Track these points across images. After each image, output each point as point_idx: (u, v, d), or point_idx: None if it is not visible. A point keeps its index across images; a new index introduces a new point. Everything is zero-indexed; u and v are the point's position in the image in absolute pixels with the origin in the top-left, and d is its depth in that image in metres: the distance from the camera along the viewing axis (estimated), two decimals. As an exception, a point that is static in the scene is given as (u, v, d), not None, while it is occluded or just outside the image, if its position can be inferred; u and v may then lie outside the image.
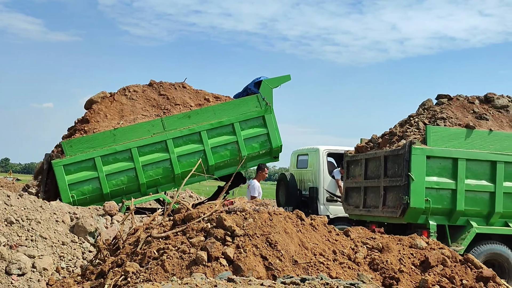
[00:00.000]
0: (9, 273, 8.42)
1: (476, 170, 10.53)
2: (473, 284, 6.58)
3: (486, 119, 11.29)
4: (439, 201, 10.33)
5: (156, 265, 5.99)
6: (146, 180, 13.20)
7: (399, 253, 7.17)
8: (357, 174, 12.22)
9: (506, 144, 10.72)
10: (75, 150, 12.67)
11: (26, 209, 10.17)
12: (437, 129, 10.55)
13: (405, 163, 10.17)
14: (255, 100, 13.83)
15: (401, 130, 11.60)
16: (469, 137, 10.59)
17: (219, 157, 13.71)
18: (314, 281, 4.30)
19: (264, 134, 14.01)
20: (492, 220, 10.58)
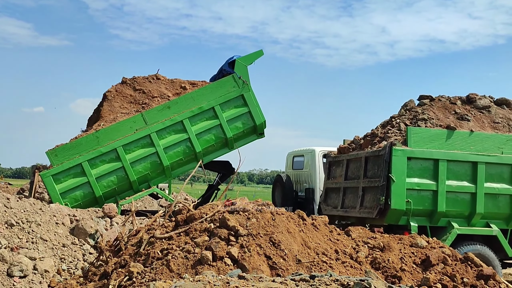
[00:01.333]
0: (11, 275, 8.37)
1: (457, 171, 10.45)
2: (474, 282, 6.59)
3: (468, 120, 11.23)
4: (420, 202, 10.23)
5: (161, 265, 5.98)
6: (137, 177, 13.03)
7: (400, 252, 7.19)
8: (338, 175, 12.12)
9: (487, 145, 10.67)
10: (61, 159, 12.49)
11: (26, 211, 10.12)
12: (418, 130, 10.48)
13: (385, 164, 10.10)
14: (232, 80, 13.57)
15: (383, 131, 11.53)
16: (450, 138, 10.55)
17: (205, 142, 13.52)
18: (324, 278, 4.29)
19: (246, 112, 13.76)
20: (473, 221, 10.52)
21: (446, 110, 11.61)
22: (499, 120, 11.59)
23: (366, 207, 10.57)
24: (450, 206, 10.35)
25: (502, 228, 10.73)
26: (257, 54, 14.06)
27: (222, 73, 14.04)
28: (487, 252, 10.55)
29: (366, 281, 4.08)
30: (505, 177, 10.65)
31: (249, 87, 13.62)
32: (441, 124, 10.92)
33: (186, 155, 13.40)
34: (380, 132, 11.50)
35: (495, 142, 10.70)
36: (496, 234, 10.57)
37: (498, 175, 10.61)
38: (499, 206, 10.62)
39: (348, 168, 11.68)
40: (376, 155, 10.52)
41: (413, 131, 10.35)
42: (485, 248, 10.62)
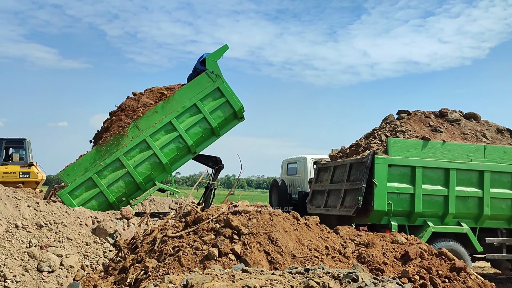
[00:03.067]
0: (40, 270, 8.35)
1: (432, 177, 10.49)
2: (448, 274, 6.57)
3: (440, 132, 11.28)
4: (399, 204, 10.28)
5: (173, 261, 5.97)
6: (142, 178, 12.93)
7: (383, 248, 7.17)
8: (325, 179, 12.16)
9: (458, 153, 10.71)
10: (72, 177, 12.39)
11: (54, 214, 10.11)
12: (397, 141, 10.52)
13: (366, 169, 10.13)
14: (206, 77, 13.29)
15: (366, 142, 11.57)
16: (425, 147, 10.58)
17: (195, 135, 13.36)
18: (317, 271, 4.28)
19: (225, 102, 13.50)
20: (446, 220, 10.56)
21: (422, 123, 11.67)
22: (468, 132, 11.65)
23: (346, 206, 10.62)
24: (426, 207, 10.37)
25: (471, 226, 10.74)
26: (223, 49, 13.81)
27: (197, 71, 13.77)
28: (458, 247, 10.56)
29: (354, 273, 4.08)
30: (474, 182, 10.68)
31: (222, 79, 13.42)
32: (417, 135, 10.96)
33: (180, 150, 13.31)
34: (364, 143, 11.55)
35: (465, 151, 10.75)
36: (466, 231, 10.59)
37: (467, 180, 10.64)
38: (468, 207, 10.65)
39: (334, 173, 11.75)
40: (360, 162, 10.58)
41: (393, 142, 10.40)
42: (457, 244, 10.64)
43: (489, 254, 11.03)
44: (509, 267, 11.38)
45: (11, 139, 20.82)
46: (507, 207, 10.87)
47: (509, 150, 11.06)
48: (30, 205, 10.00)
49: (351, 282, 3.95)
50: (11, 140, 20.68)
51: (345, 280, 4.03)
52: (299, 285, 3.89)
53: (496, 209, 10.78)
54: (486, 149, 10.91)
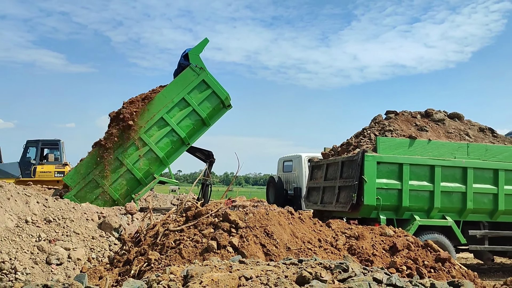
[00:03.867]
0: (49, 263, 8.34)
1: (418, 173, 10.45)
2: (433, 264, 6.59)
3: (426, 131, 11.25)
4: (388, 199, 10.23)
5: (175, 253, 5.97)
6: (142, 174, 12.88)
7: (372, 240, 7.18)
8: (319, 177, 12.11)
9: (442, 151, 10.68)
10: (76, 180, 12.36)
11: (61, 210, 10.09)
12: (386, 140, 10.50)
13: (357, 167, 10.11)
14: (191, 71, 13.17)
15: (356, 140, 11.52)
16: (411, 145, 10.55)
17: (186, 127, 13.26)
18: (310, 262, 4.28)
19: (211, 93, 13.37)
20: (432, 214, 10.52)
21: (408, 122, 11.63)
22: (452, 131, 11.64)
23: (341, 202, 10.59)
24: (413, 202, 10.36)
25: (456, 219, 10.76)
26: (203, 42, 13.65)
27: (181, 67, 13.63)
28: (443, 239, 10.56)
29: (345, 264, 4.08)
30: (457, 177, 10.68)
31: (206, 71, 13.28)
32: (404, 134, 10.92)
33: (175, 143, 13.24)
34: (354, 141, 11.52)
35: (449, 149, 10.75)
36: (450, 224, 10.59)
37: (451, 175, 10.64)
38: (452, 202, 10.65)
39: (327, 171, 11.70)
40: (351, 160, 10.55)
41: (381, 140, 10.40)
42: (442, 237, 10.64)
43: (472, 246, 11.06)
44: (490, 258, 11.41)
45: (46, 140, 20.82)
46: (488, 201, 10.88)
47: (490, 148, 11.08)
48: (39, 201, 9.98)
49: (342, 272, 3.95)
50: (47, 141, 20.71)
51: (336, 270, 4.03)
52: (293, 275, 3.88)
53: (478, 203, 10.79)
54: (469, 147, 10.92)
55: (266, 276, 3.77)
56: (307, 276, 3.74)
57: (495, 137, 11.94)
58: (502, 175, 10.84)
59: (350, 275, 3.81)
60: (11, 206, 9.23)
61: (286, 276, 3.86)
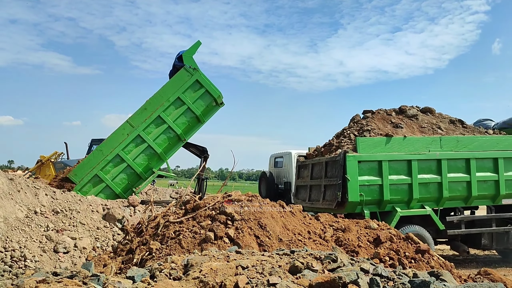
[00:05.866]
0: (57, 251, 8.29)
1: (397, 168, 10.46)
2: (414, 255, 6.59)
3: (401, 127, 11.23)
4: (370, 194, 10.25)
5: (175, 243, 5.93)
6: (141, 169, 12.83)
7: (357, 232, 7.17)
8: (305, 176, 12.07)
9: (417, 146, 10.69)
10: (80, 176, 12.25)
11: (68, 202, 10.03)
12: (364, 140, 10.47)
13: (340, 167, 10.11)
14: (185, 71, 13.12)
15: (337, 141, 11.46)
16: (389, 143, 10.53)
17: (182, 124, 13.21)
18: (301, 252, 4.27)
19: (204, 92, 13.31)
20: (411, 204, 10.56)
21: (384, 120, 11.61)
22: (425, 125, 11.65)
23: (327, 200, 10.60)
24: (393, 195, 10.39)
25: (433, 207, 10.82)
26: (196, 45, 13.58)
27: (176, 68, 13.59)
28: (423, 232, 10.61)
29: (334, 254, 4.07)
30: (433, 169, 10.73)
31: (200, 72, 13.22)
32: (381, 133, 10.91)
33: (171, 139, 13.20)
34: (335, 142, 11.47)
35: (423, 143, 10.78)
36: (429, 213, 10.67)
37: (427, 168, 10.69)
38: (430, 192, 10.70)
39: (313, 170, 11.68)
40: (334, 160, 10.54)
41: (360, 140, 10.39)
42: (422, 229, 10.69)
43: (450, 231, 11.16)
44: (465, 250, 11.46)
45: (96, 139, 21.13)
46: (462, 188, 10.95)
47: (461, 139, 11.13)
48: (47, 193, 9.91)
49: (331, 262, 3.94)
50: (97, 140, 20.89)
51: (326, 261, 4.02)
52: (286, 265, 3.87)
53: (453, 191, 10.86)
54: (441, 140, 10.94)
55: (261, 266, 3.76)
56: (299, 265, 3.73)
57: (465, 128, 11.99)
58: (473, 163, 10.94)
59: (339, 265, 3.80)
60: (21, 198, 9.16)
61: (280, 265, 3.84)
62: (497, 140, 11.41)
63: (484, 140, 11.30)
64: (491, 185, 11.19)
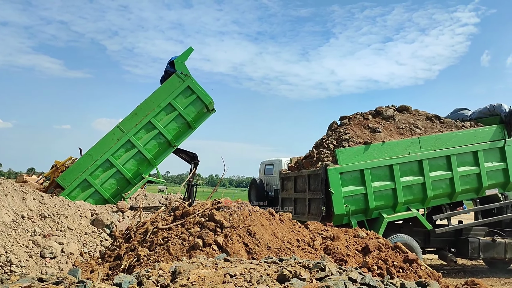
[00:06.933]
0: (43, 256, 8.20)
1: (379, 174, 10.43)
2: (402, 265, 6.60)
3: (379, 132, 11.12)
4: (355, 204, 10.21)
5: (163, 250, 5.89)
6: (131, 174, 12.72)
7: (346, 241, 7.18)
8: (289, 188, 11.96)
9: (397, 149, 10.64)
10: (69, 181, 12.10)
11: (56, 206, 9.94)
12: (344, 151, 10.37)
13: (322, 181, 10.04)
14: (176, 77, 13.02)
15: (317, 152, 11.36)
16: (368, 150, 10.44)
17: (173, 130, 13.11)
18: (290, 261, 4.26)
19: (196, 98, 13.22)
20: (397, 208, 10.55)
21: (362, 126, 11.50)
22: (403, 126, 11.58)
23: (313, 213, 10.54)
24: (379, 201, 10.39)
25: (419, 208, 10.86)
26: (188, 51, 13.52)
27: (168, 73, 13.46)
28: (411, 241, 10.65)
29: (322, 263, 4.07)
30: (415, 171, 10.75)
31: (191, 78, 13.15)
32: (359, 140, 10.80)
33: (162, 145, 13.10)
34: (315, 154, 11.35)
35: (403, 146, 10.75)
36: (416, 215, 10.71)
37: (409, 170, 10.70)
38: (414, 193, 10.74)
39: (296, 183, 11.58)
40: (316, 174, 10.48)
41: (340, 152, 10.32)
42: (410, 239, 10.72)
43: (438, 229, 11.23)
44: (453, 260, 11.52)
45: None
46: (446, 185, 11.00)
47: (439, 137, 11.13)
48: (35, 198, 9.81)
49: (320, 271, 3.93)
50: None
51: (314, 269, 4.01)
52: (274, 273, 3.86)
53: (437, 189, 10.90)
54: (420, 140, 10.91)
55: (249, 274, 3.74)
56: (287, 274, 3.72)
57: (442, 124, 11.98)
58: (454, 159, 11.01)
59: (327, 274, 3.80)
60: (8, 202, 9.06)
61: (268, 274, 3.83)
62: (475, 133, 11.46)
63: (462, 135, 11.33)
64: (473, 178, 11.29)
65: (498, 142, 11.51)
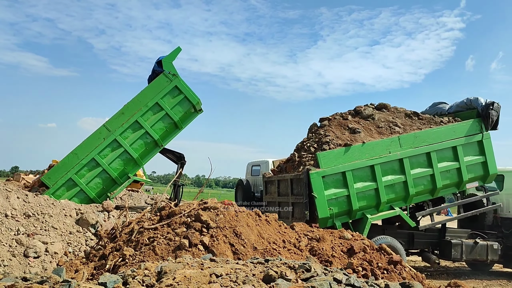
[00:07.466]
0: (27, 256, 8.11)
1: (361, 175, 10.45)
2: (386, 266, 6.66)
3: (359, 132, 11.10)
4: (339, 206, 10.23)
5: (148, 250, 5.87)
6: (117, 174, 12.55)
7: (332, 242, 7.22)
8: (273, 192, 11.95)
9: (377, 150, 10.65)
10: (54, 180, 11.88)
11: (41, 205, 9.83)
12: (325, 154, 10.31)
13: (305, 185, 10.04)
14: (164, 77, 12.86)
15: (299, 155, 11.34)
16: (348, 152, 10.42)
17: (160, 130, 12.95)
18: (275, 261, 4.27)
19: (183, 98, 13.06)
20: (381, 208, 10.60)
21: (341, 127, 11.47)
22: (382, 125, 11.59)
23: (296, 218, 10.52)
24: (362, 202, 10.43)
25: (402, 206, 10.93)
26: (176, 51, 13.34)
27: (155, 73, 13.28)
28: (395, 243, 10.73)
29: (307, 264, 4.09)
30: (396, 169, 10.80)
31: (179, 78, 13.00)
32: (340, 142, 10.75)
33: (148, 145, 12.94)
34: (297, 157, 11.35)
35: (383, 146, 10.76)
36: (399, 213, 10.79)
37: (390, 169, 10.75)
38: (396, 192, 10.80)
39: (279, 187, 11.57)
40: (298, 178, 10.47)
41: (321, 156, 10.28)
42: (394, 241, 10.80)
43: (422, 226, 11.34)
44: (436, 261, 11.63)
45: None
46: (428, 182, 11.08)
47: (419, 134, 11.16)
48: (19, 196, 9.70)
49: (305, 272, 3.96)
50: None
51: (300, 270, 4.03)
52: (260, 273, 3.87)
53: (419, 186, 10.98)
54: (400, 139, 10.93)
55: (235, 274, 3.75)
56: (273, 275, 3.73)
57: (421, 120, 12.02)
58: (434, 156, 11.09)
59: (313, 275, 3.82)
60: (-8, 200, 8.94)
61: (254, 274, 3.84)
62: (453, 129, 11.54)
63: (441, 131, 11.39)
64: (454, 173, 11.40)
65: (476, 136, 11.60)
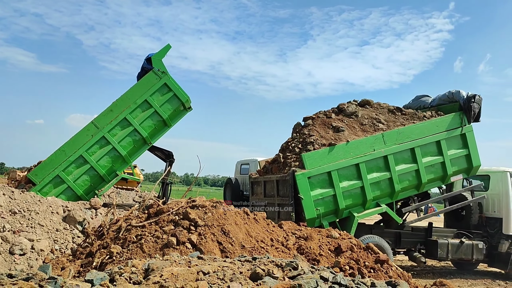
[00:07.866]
0: (12, 253, 8.04)
1: (346, 174, 10.46)
2: (373, 265, 6.69)
3: (343, 131, 11.10)
4: (326, 206, 10.25)
5: (136, 247, 5.85)
6: (105, 171, 12.45)
7: (319, 241, 7.26)
8: (259, 192, 11.95)
9: (362, 148, 10.66)
10: (41, 176, 11.77)
11: (27, 202, 9.74)
12: (309, 155, 10.31)
13: (291, 187, 10.06)
14: (153, 74, 12.76)
15: (283, 156, 11.33)
16: (333, 152, 10.43)
17: (148, 128, 12.86)
18: (263, 259, 4.29)
19: (173, 95, 12.97)
20: (367, 205, 10.66)
21: (325, 125, 11.48)
22: (366, 122, 11.61)
23: (282, 219, 10.53)
24: (348, 201, 10.47)
25: (388, 202, 11.00)
26: (166, 48, 13.25)
27: (145, 70, 13.22)
28: (382, 243, 10.80)
29: (294, 262, 4.11)
30: (381, 166, 10.86)
31: (168, 75, 12.92)
32: (324, 142, 10.75)
33: (137, 142, 12.85)
34: (282, 157, 11.35)
35: (367, 144, 10.77)
36: (385, 210, 10.86)
37: (375, 166, 10.81)
38: (382, 189, 10.86)
39: (265, 188, 11.56)
40: (284, 179, 10.48)
41: (306, 156, 10.28)
42: (381, 240, 10.88)
43: (408, 221, 11.45)
44: (422, 261, 11.73)
45: None
46: (413, 177, 11.16)
47: (402, 130, 11.20)
48: (5, 193, 9.60)
49: (292, 270, 3.97)
50: None
51: (287, 268, 4.05)
52: (247, 271, 3.88)
53: (404, 182, 11.05)
54: (384, 136, 10.96)
55: (223, 272, 3.76)
56: (260, 272, 3.75)
57: (404, 115, 12.08)
58: (418, 151, 11.16)
59: (300, 273, 3.84)
60: (-23, 197, 8.84)
61: (241, 272, 3.85)
62: (436, 123, 11.59)
63: (424, 126, 11.44)
64: (438, 167, 11.50)
65: (458, 129, 11.68)
